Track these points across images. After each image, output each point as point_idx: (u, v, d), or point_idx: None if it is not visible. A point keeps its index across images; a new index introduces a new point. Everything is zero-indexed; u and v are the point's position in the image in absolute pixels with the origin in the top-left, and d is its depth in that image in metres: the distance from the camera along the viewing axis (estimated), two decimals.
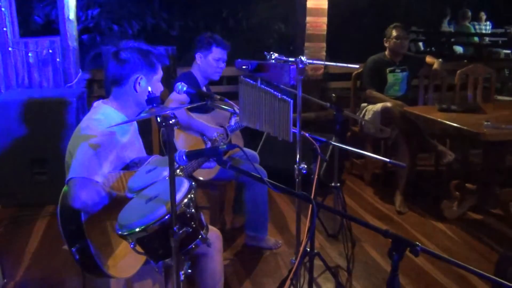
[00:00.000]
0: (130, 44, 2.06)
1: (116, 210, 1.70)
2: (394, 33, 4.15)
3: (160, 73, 2.09)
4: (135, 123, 2.21)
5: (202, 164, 2.51)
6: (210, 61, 3.09)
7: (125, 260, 1.88)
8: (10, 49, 4.24)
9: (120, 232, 1.58)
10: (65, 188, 1.83)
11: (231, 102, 2.53)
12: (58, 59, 4.34)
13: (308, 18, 4.90)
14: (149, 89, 1.63)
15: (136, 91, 2.03)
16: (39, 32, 6.22)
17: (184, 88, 2.55)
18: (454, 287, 2.79)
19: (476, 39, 9.75)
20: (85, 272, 1.91)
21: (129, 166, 2.04)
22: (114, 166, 1.96)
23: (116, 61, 2.02)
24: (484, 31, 9.84)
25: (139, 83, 2.02)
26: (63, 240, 1.83)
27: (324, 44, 5.00)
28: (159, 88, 2.11)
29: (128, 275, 1.92)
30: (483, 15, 9.77)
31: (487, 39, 9.96)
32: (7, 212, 3.77)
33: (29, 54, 4.30)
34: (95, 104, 2.08)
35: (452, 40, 9.80)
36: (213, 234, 2.14)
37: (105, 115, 2.01)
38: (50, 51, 4.32)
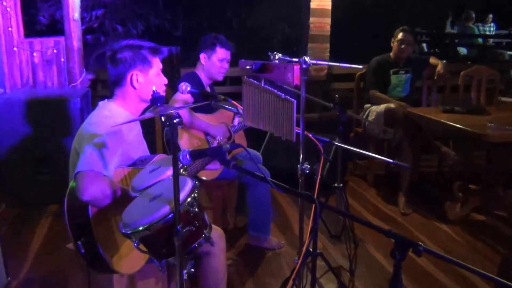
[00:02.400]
0: (122, 43, 2.09)
1: (123, 205, 1.71)
2: (399, 36, 4.15)
3: (157, 66, 2.10)
4: (139, 122, 2.23)
5: (206, 165, 2.51)
6: (214, 62, 3.10)
7: (130, 256, 1.88)
8: (15, 49, 4.26)
9: (123, 231, 1.59)
10: (72, 183, 1.84)
11: (235, 102, 2.54)
12: (62, 59, 4.36)
13: (312, 19, 4.91)
14: (154, 88, 1.63)
15: (135, 88, 2.06)
16: (44, 32, 6.25)
17: (188, 88, 2.56)
18: (457, 287, 2.80)
19: (480, 40, 9.73)
20: (89, 267, 1.92)
21: (136, 164, 2.06)
22: (121, 163, 1.98)
23: (111, 63, 2.07)
24: (488, 33, 9.81)
25: (137, 79, 2.05)
26: (68, 233, 1.83)
27: (328, 45, 5.00)
28: (162, 80, 2.12)
29: (133, 271, 1.92)
30: (490, 17, 9.74)
31: (491, 40, 9.94)
32: (11, 211, 3.78)
33: (34, 54, 4.31)
34: (101, 103, 2.11)
35: (456, 41, 9.78)
36: (216, 233, 2.14)
37: (111, 112, 2.04)
38: (55, 51, 4.34)
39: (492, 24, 9.88)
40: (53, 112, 3.82)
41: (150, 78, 2.07)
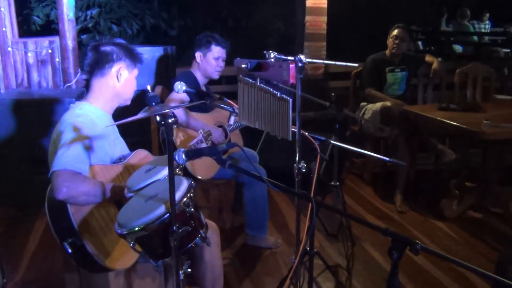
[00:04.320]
0: (108, 40, 2.12)
1: (107, 200, 1.70)
2: (394, 32, 4.16)
3: (136, 72, 2.14)
4: (112, 120, 2.19)
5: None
6: (209, 60, 3.09)
7: (121, 251, 1.87)
8: (9, 49, 4.24)
9: (119, 232, 1.58)
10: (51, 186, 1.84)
11: (231, 101, 2.53)
12: (57, 59, 4.34)
13: (307, 17, 4.90)
14: (149, 88, 1.63)
15: (118, 81, 2.07)
16: (38, 32, 6.22)
17: (184, 88, 2.55)
18: (454, 285, 2.80)
19: (475, 38, 9.74)
20: (80, 267, 1.91)
21: (115, 162, 2.05)
22: (100, 161, 1.97)
23: (96, 53, 2.05)
24: (483, 30, 9.83)
25: (121, 73, 2.06)
26: (53, 235, 1.82)
27: (324, 44, 5.00)
28: (135, 85, 2.15)
29: (126, 266, 1.91)
30: (487, 15, 9.76)
31: (486, 38, 9.96)
32: (6, 212, 3.76)
33: (28, 54, 4.29)
34: (72, 104, 2.12)
35: (452, 39, 9.79)
36: (210, 227, 2.14)
37: (84, 110, 2.04)
38: (50, 51, 4.32)
39: (487, 22, 9.90)
40: (48, 113, 3.79)
41: (130, 78, 2.10)
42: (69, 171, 1.78)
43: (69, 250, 1.79)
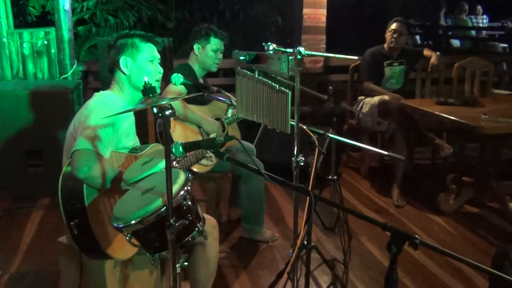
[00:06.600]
0: (120, 33, 2.16)
1: (117, 192, 1.70)
2: (393, 26, 4.13)
3: (148, 52, 2.11)
4: (133, 114, 2.20)
5: (200, 159, 2.50)
6: (208, 52, 3.07)
7: (123, 241, 1.86)
8: (4, 40, 4.19)
9: (115, 225, 1.57)
10: (66, 167, 1.84)
11: (228, 94, 2.51)
12: (53, 51, 4.30)
13: (305, 10, 4.86)
14: (146, 78, 1.61)
15: (125, 73, 2.08)
16: (34, 23, 6.16)
17: (181, 80, 2.53)
18: (451, 280, 2.80)
19: (473, 32, 9.74)
20: (82, 251, 1.91)
21: (132, 153, 2.05)
22: (119, 149, 2.00)
23: (107, 52, 2.14)
24: (481, 25, 9.83)
25: (126, 65, 2.08)
26: (62, 217, 1.82)
27: (323, 37, 4.94)
28: (155, 69, 2.12)
29: (127, 257, 1.92)
30: (480, 9, 9.76)
31: (484, 32, 9.96)
32: (2, 204, 3.75)
33: (24, 45, 4.25)
34: (96, 93, 2.13)
35: (449, 33, 9.79)
36: (209, 223, 2.14)
37: (107, 98, 2.07)
38: (45, 42, 4.28)
39: (484, 16, 9.90)
40: (44, 104, 3.78)
41: (140, 64, 2.09)
42: (92, 151, 1.80)
43: (75, 231, 1.79)
